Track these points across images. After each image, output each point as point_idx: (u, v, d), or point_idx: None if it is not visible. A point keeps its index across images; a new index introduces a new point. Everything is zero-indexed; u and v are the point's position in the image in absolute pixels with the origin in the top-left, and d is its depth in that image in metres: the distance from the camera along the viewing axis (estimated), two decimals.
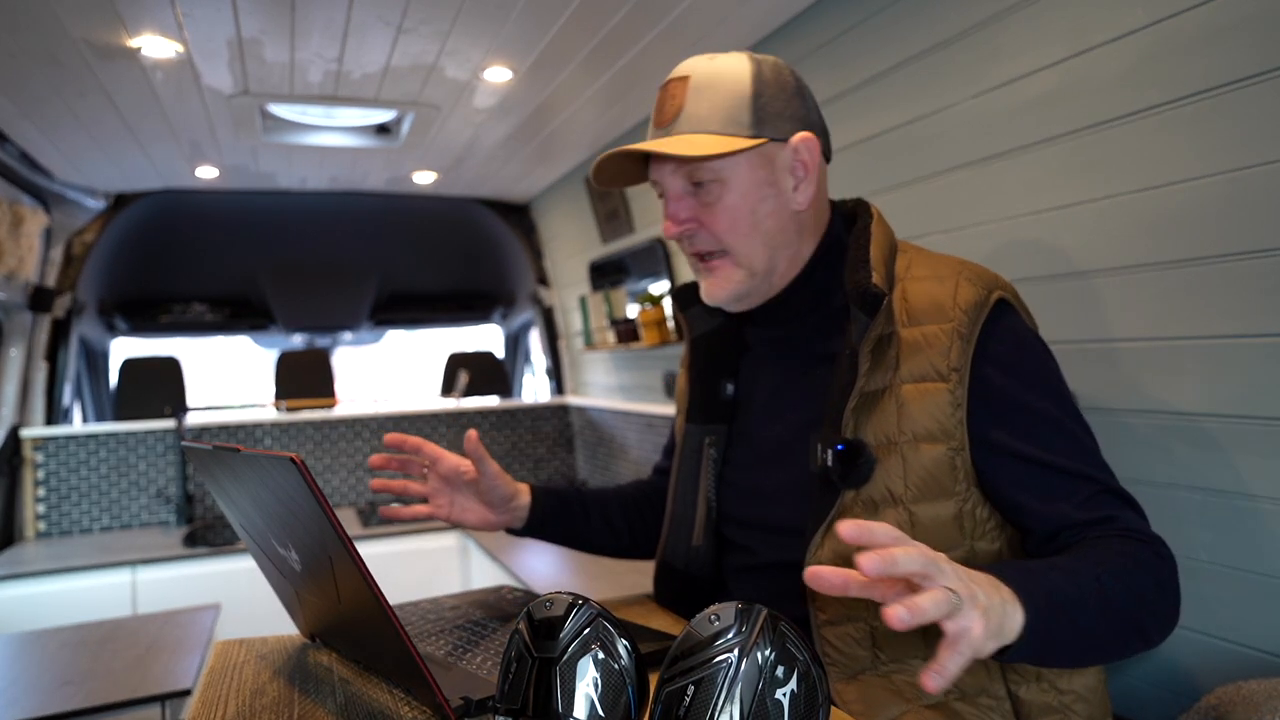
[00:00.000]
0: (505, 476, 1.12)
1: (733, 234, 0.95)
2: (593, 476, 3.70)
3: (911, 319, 0.92)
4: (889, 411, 0.89)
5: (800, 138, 0.94)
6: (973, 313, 0.90)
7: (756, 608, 0.60)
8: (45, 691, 1.65)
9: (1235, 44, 1.03)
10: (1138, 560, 0.82)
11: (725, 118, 0.92)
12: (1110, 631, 0.78)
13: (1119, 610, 0.78)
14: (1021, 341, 0.92)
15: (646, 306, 2.74)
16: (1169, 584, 0.84)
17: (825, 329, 0.99)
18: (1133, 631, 0.80)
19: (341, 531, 0.69)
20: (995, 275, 0.96)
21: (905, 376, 0.90)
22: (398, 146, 2.88)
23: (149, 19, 1.78)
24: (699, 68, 0.95)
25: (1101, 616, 0.77)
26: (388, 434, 1.09)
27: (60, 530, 3.14)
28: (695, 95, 0.93)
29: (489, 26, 1.90)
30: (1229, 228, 1.07)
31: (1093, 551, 0.82)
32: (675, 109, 0.94)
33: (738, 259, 0.97)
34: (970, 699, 0.87)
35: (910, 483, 0.88)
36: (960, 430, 0.88)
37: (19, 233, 2.76)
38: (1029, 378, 0.90)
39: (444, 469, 1.10)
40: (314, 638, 0.98)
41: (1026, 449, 0.88)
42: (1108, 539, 0.84)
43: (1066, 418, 0.91)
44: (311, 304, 4.25)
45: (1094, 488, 0.87)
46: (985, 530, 0.91)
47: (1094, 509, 0.86)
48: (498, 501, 1.12)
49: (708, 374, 1.10)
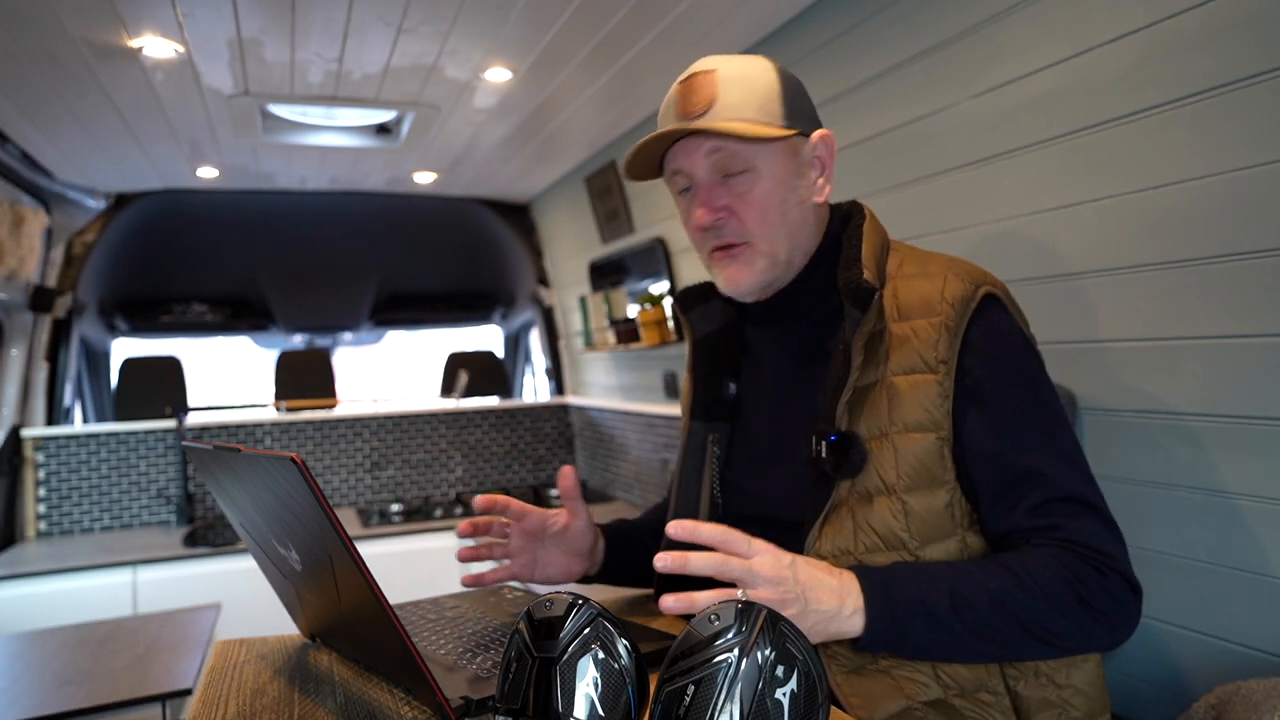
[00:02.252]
0: (592, 520, 1.10)
1: (762, 224, 0.96)
2: (593, 476, 3.71)
3: (902, 315, 0.93)
4: (880, 404, 0.91)
5: (821, 134, 0.98)
6: (959, 306, 0.91)
7: (756, 607, 0.60)
8: (45, 691, 1.65)
9: (1235, 44, 1.03)
10: (1056, 573, 0.83)
11: (759, 108, 0.94)
12: (991, 641, 0.84)
13: (1009, 622, 0.82)
14: (1002, 336, 0.93)
15: (646, 306, 2.74)
16: (1098, 599, 0.84)
17: (822, 327, 1.01)
18: (1028, 640, 0.84)
19: (342, 531, 0.69)
20: (985, 272, 0.97)
21: (895, 369, 0.92)
22: (398, 146, 2.88)
23: (149, 19, 1.78)
24: (724, 64, 0.95)
25: (978, 628, 0.82)
26: (478, 497, 1.03)
27: (61, 530, 3.14)
28: (727, 86, 0.93)
29: (489, 26, 1.90)
30: (1229, 228, 1.07)
31: (1010, 561, 0.85)
32: (708, 99, 0.93)
33: (760, 248, 0.97)
34: (969, 695, 0.88)
35: (902, 472, 0.90)
36: (948, 421, 0.90)
37: (19, 233, 2.76)
38: (1006, 372, 0.91)
39: (530, 525, 1.07)
40: (314, 638, 0.98)
41: (994, 445, 0.89)
42: (1043, 547, 0.86)
43: (1044, 416, 0.91)
44: (311, 304, 4.25)
45: (1050, 494, 0.88)
46: (975, 520, 0.92)
47: (1043, 516, 0.87)
48: (585, 549, 1.10)
49: (710, 374, 1.11)
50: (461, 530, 1.04)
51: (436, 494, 3.68)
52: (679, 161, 0.98)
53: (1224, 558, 1.12)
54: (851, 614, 0.81)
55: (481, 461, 3.77)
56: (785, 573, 0.79)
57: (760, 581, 0.78)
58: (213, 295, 4.08)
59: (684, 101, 0.95)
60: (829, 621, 0.80)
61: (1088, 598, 0.83)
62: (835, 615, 0.80)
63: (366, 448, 3.59)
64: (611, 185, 2.95)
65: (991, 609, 0.82)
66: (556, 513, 1.09)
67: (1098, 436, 1.28)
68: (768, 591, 0.77)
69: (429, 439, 3.70)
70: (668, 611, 0.76)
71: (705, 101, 0.93)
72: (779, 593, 0.78)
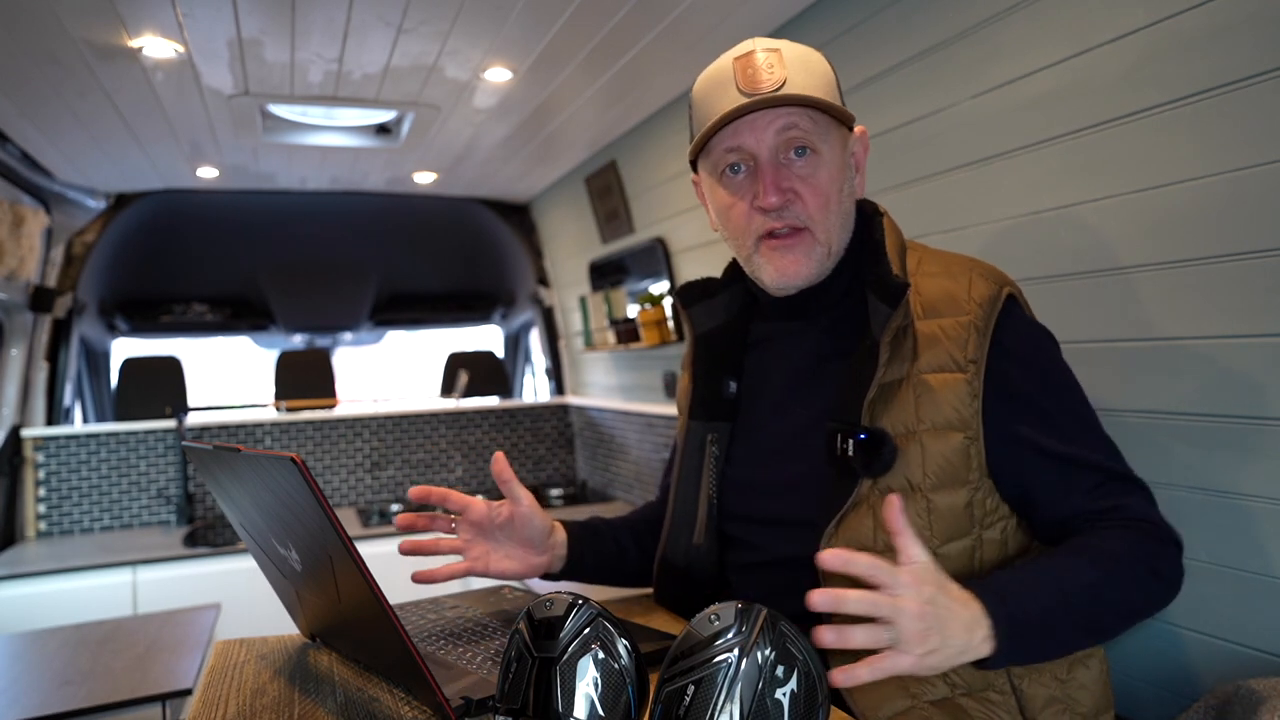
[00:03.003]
0: (539, 507, 1.06)
1: (824, 211, 0.94)
2: (592, 477, 3.71)
3: (927, 312, 0.94)
4: (907, 401, 0.91)
5: (861, 129, 0.98)
6: (987, 306, 0.92)
7: (756, 607, 0.60)
8: (45, 691, 1.65)
9: (1236, 44, 1.03)
10: (1134, 554, 0.86)
11: (827, 91, 0.93)
12: (1090, 631, 0.86)
13: (1107, 609, 0.85)
14: (1034, 336, 0.96)
15: (646, 307, 2.74)
16: (1165, 567, 0.88)
17: (841, 324, 1.00)
18: (1119, 621, 0.88)
19: (342, 531, 0.69)
20: (1003, 272, 0.98)
21: (924, 367, 0.92)
22: (398, 146, 2.88)
23: (149, 19, 1.78)
24: (785, 45, 0.93)
25: (1083, 620, 0.84)
26: (412, 488, 1.03)
27: (61, 530, 3.14)
28: (796, 65, 0.92)
29: (489, 26, 1.90)
30: (1229, 228, 1.07)
31: (1094, 548, 0.86)
32: (780, 76, 0.90)
33: (819, 236, 0.95)
34: (975, 694, 0.88)
35: (929, 471, 0.90)
36: (976, 420, 0.90)
37: (19, 233, 2.76)
38: (1044, 371, 0.94)
39: (474, 516, 1.05)
40: (314, 638, 0.98)
41: (1046, 443, 0.91)
42: (1111, 529, 0.89)
43: (1078, 405, 0.95)
44: (311, 304, 4.25)
45: (1101, 476, 0.91)
46: (993, 520, 0.93)
47: (1101, 498, 0.91)
48: (537, 539, 1.06)
49: (711, 372, 1.10)
50: (399, 523, 1.00)
51: None
52: (742, 137, 0.93)
53: (1224, 558, 1.12)
54: (980, 643, 0.77)
55: (481, 461, 3.77)
56: (928, 608, 0.74)
57: (906, 620, 0.72)
58: (213, 295, 4.08)
59: (751, 77, 0.91)
60: (959, 656, 0.76)
61: (1159, 569, 0.87)
62: (964, 649, 0.76)
63: (366, 448, 3.59)
64: (611, 185, 2.95)
65: (1092, 601, 0.83)
66: (500, 503, 1.05)
67: None
68: (911, 628, 0.72)
69: (429, 439, 3.70)
70: (815, 608, 0.71)
71: (779, 78, 0.90)
72: (921, 631, 0.72)
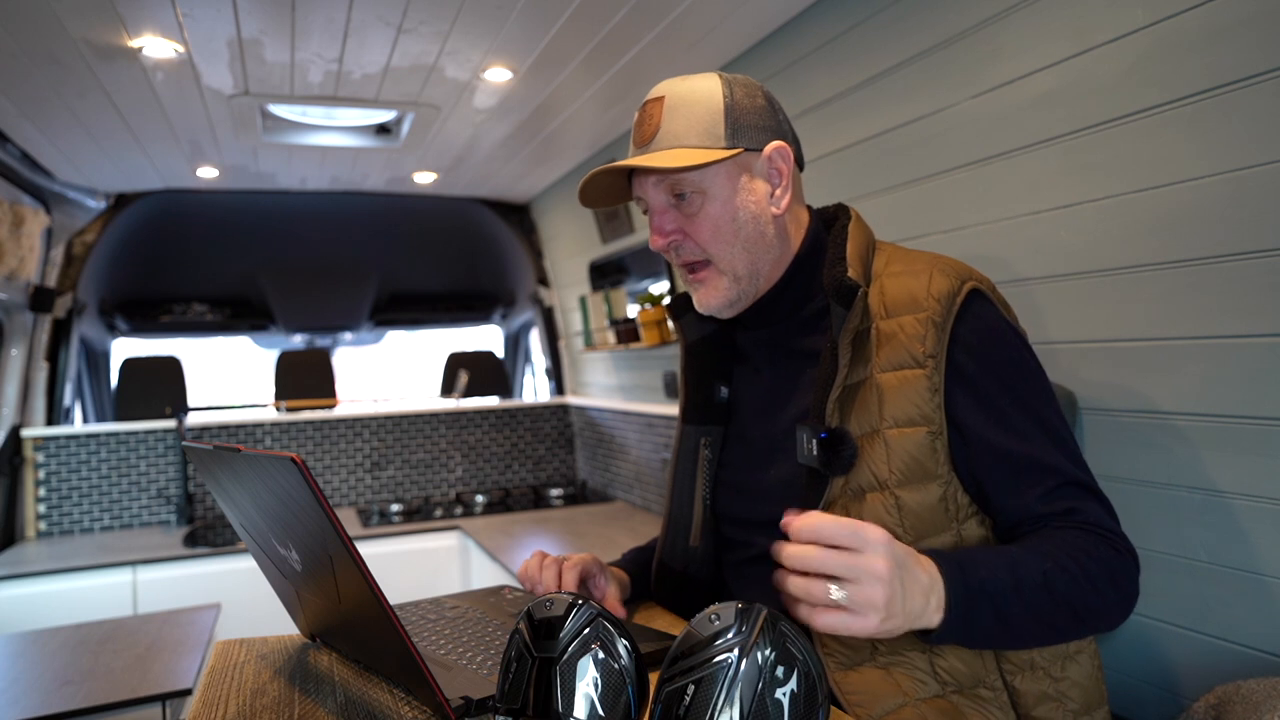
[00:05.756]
0: (621, 584, 1.13)
1: (716, 242, 0.99)
2: (592, 477, 3.71)
3: (889, 312, 0.95)
4: (870, 400, 0.92)
5: (774, 146, 0.99)
6: (945, 301, 0.92)
7: (756, 607, 0.60)
8: (45, 691, 1.65)
9: (1235, 44, 1.03)
10: (1089, 555, 0.84)
11: (701, 132, 0.96)
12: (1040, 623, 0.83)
13: (1058, 603, 0.82)
14: (992, 329, 0.94)
15: (646, 306, 2.74)
16: (1123, 581, 0.86)
17: (809, 328, 1.02)
18: (1070, 622, 0.84)
19: (342, 531, 0.69)
20: (970, 268, 0.98)
21: (883, 365, 0.93)
22: (398, 146, 2.88)
23: (149, 19, 1.78)
24: (673, 88, 0.98)
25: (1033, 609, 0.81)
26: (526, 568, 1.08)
27: (61, 530, 3.14)
28: (670, 113, 0.97)
29: (489, 26, 1.90)
30: (1229, 228, 1.07)
31: (1047, 543, 0.85)
32: (653, 128, 0.98)
33: (720, 266, 1.00)
34: (967, 691, 0.88)
35: (894, 468, 0.90)
36: (939, 415, 0.91)
37: (20, 233, 2.76)
38: (1000, 365, 0.93)
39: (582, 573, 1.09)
40: (314, 638, 0.98)
41: (996, 437, 0.90)
42: (1065, 530, 0.87)
43: (1041, 406, 0.92)
44: (311, 304, 4.25)
45: (1058, 479, 0.89)
46: (969, 514, 0.93)
47: (1056, 501, 0.89)
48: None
49: (702, 378, 1.13)
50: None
51: (436, 494, 3.68)
52: (636, 189, 1.02)
53: (1223, 558, 1.12)
54: (933, 611, 0.76)
55: (481, 461, 3.77)
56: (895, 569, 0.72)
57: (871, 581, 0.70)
58: (213, 295, 4.08)
59: (636, 130, 1.00)
60: (914, 621, 0.75)
61: (1118, 580, 0.85)
62: (920, 614, 0.75)
63: (366, 448, 3.59)
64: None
65: (1045, 590, 0.82)
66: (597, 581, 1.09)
67: (1098, 436, 1.28)
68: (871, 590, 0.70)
69: (429, 439, 3.70)
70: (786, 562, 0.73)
71: (651, 131, 0.98)
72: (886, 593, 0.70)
